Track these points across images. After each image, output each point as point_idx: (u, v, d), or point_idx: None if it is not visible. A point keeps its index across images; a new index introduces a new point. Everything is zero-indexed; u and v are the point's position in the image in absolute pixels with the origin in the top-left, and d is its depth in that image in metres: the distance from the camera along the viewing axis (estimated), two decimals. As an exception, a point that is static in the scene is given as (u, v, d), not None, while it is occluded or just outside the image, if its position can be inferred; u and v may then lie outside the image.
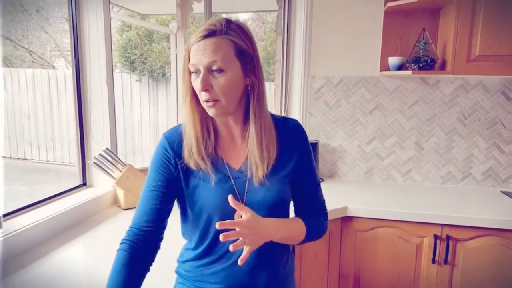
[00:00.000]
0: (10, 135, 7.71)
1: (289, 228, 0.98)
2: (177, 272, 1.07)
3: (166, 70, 5.60)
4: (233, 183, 0.96)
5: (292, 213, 1.07)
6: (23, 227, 1.37)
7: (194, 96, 0.93)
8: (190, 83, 0.92)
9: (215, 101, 0.89)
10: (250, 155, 0.95)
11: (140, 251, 0.95)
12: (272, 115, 1.00)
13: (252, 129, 0.93)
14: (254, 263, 0.96)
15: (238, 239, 0.85)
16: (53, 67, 7.86)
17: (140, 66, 5.80)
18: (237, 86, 0.91)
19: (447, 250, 1.75)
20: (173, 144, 0.97)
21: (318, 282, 1.87)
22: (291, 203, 1.06)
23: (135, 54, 5.85)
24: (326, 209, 1.09)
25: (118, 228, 1.61)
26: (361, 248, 1.86)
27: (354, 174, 2.30)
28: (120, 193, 1.86)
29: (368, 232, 1.84)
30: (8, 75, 7.37)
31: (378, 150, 2.26)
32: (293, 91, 2.29)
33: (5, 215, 1.40)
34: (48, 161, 7.43)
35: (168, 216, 1.00)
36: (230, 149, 0.99)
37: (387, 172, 2.27)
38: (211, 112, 0.91)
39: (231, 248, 0.83)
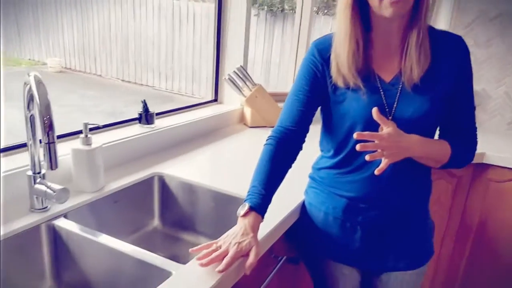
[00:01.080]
0: (136, 61, 8.47)
1: (433, 147, 0.94)
2: (311, 177, 1.11)
3: (285, 5, 5.50)
4: (382, 95, 0.93)
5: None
6: (167, 126, 1.53)
7: (355, 5, 0.89)
8: None
9: None
10: (407, 58, 0.90)
11: (284, 147, 1.00)
12: (431, 27, 0.95)
13: (415, 30, 0.89)
14: (391, 178, 0.95)
15: (376, 150, 0.84)
16: (177, -2, 8.15)
17: (261, -1, 5.78)
18: None
19: None
20: (322, 52, 0.98)
21: (436, 227, 1.80)
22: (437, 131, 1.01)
23: (257, -14, 5.82)
24: (476, 138, 1.01)
25: (243, 142, 1.71)
26: (491, 198, 1.72)
27: (494, 123, 2.07)
28: (248, 112, 1.95)
29: (503, 183, 1.68)
30: (138, 3, 7.90)
31: (529, 99, 1.99)
32: (437, 24, 2.09)
33: (157, 114, 1.59)
34: (166, 89, 8.08)
35: (311, 121, 1.03)
36: (383, 61, 0.95)
37: (537, 126, 2.00)
38: (392, 10, 0.84)
39: (367, 157, 0.83)
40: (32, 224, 0.95)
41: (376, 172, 0.84)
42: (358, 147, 0.82)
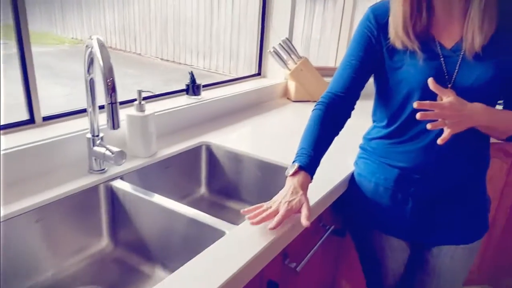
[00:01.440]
0: (175, 42, 8.56)
1: (498, 116, 0.88)
2: (361, 147, 1.10)
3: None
4: (442, 62, 0.89)
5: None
6: (213, 98, 1.55)
7: None
8: None
9: None
10: (469, 24, 0.86)
11: (333, 113, 0.99)
12: None
13: None
14: (448, 148, 0.91)
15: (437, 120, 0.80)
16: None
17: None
18: None
19: None
20: (378, 17, 0.95)
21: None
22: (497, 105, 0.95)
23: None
24: None
25: (286, 116, 1.70)
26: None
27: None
28: (292, 85, 1.93)
29: (563, 164, 1.59)
30: (177, -17, 7.89)
31: None
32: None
33: (204, 86, 1.61)
34: (204, 68, 8.14)
35: (362, 88, 1.01)
36: (444, 27, 0.90)
37: None
38: None
39: (428, 126, 0.79)
40: (91, 184, 0.99)
41: (438, 141, 0.81)
42: (418, 115, 0.79)
